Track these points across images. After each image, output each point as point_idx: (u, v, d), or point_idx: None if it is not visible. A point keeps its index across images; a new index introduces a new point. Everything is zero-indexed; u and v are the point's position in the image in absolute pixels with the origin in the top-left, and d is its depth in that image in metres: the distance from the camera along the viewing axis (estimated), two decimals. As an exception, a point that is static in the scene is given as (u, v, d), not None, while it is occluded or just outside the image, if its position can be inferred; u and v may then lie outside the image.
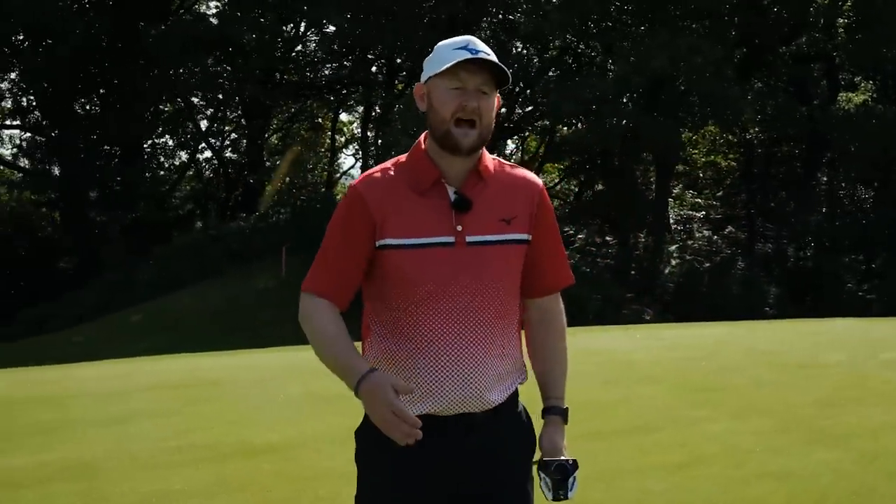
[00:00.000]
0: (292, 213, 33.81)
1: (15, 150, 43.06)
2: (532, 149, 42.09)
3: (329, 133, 44.04)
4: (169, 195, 39.13)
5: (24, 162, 41.32)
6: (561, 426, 2.87)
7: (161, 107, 37.86)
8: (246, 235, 30.66)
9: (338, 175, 45.82)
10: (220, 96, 36.97)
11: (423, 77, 2.74)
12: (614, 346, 11.54)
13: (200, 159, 42.70)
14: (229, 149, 42.46)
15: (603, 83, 28.30)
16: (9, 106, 41.55)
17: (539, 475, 2.78)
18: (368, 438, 2.75)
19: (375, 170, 2.80)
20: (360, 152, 39.40)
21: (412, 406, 2.65)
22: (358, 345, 2.72)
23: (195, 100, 38.14)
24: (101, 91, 37.21)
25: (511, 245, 2.76)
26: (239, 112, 39.96)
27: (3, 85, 40.14)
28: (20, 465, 6.65)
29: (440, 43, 2.75)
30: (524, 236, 2.79)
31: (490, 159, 2.83)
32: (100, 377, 10.19)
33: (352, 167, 45.64)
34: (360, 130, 41.12)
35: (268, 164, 41.31)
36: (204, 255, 27.34)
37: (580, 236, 29.60)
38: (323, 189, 41.91)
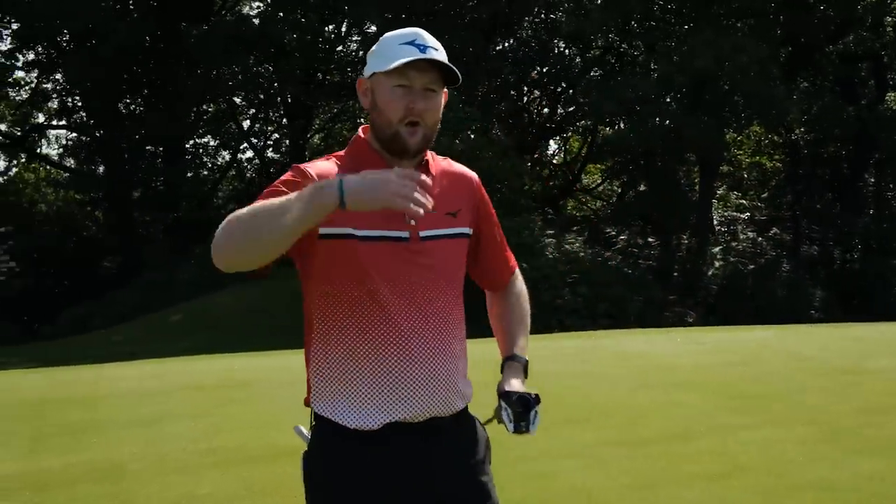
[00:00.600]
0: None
1: (61, 150, 43.54)
2: (575, 149, 41.87)
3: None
4: (211, 195, 39.31)
5: (69, 162, 41.68)
6: (521, 371, 2.78)
7: (204, 107, 38.01)
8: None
9: None
10: (262, 96, 37.06)
11: (367, 71, 2.63)
12: (653, 350, 11.34)
13: (242, 159, 42.93)
14: (271, 149, 42.60)
15: (645, 83, 28.03)
16: (55, 106, 41.99)
17: (500, 405, 2.68)
18: (322, 458, 2.64)
19: (319, 160, 2.65)
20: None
21: (381, 414, 2.55)
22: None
23: (237, 100, 38.25)
24: (145, 91, 37.44)
25: (458, 238, 2.72)
26: (281, 112, 40.04)
27: (48, 85, 40.63)
28: (48, 466, 6.63)
29: (386, 35, 2.64)
30: (468, 230, 2.76)
31: (429, 153, 2.74)
32: (133, 377, 10.17)
33: None
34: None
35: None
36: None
37: (622, 237, 29.28)
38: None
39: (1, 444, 7.34)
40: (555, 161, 42.08)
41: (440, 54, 2.56)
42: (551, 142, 42.54)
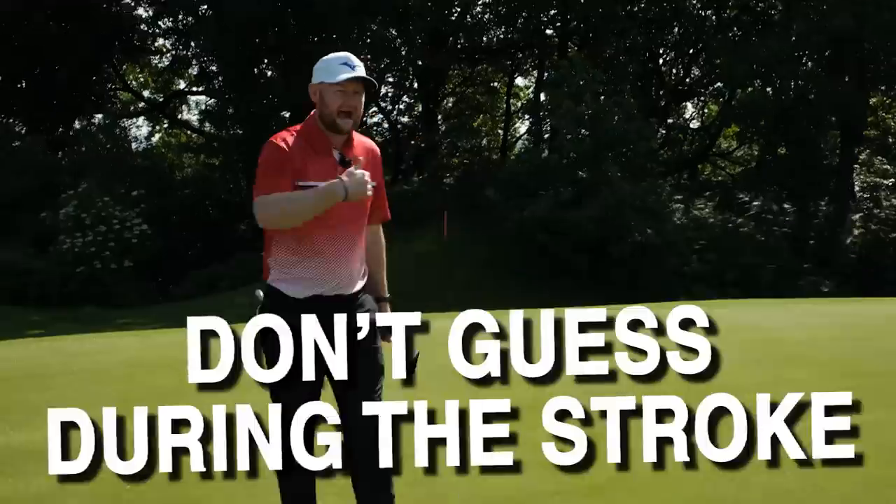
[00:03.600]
0: (459, 177, 33.66)
1: (200, 115, 44.43)
2: (713, 113, 40.68)
3: (504, 97, 43.53)
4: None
5: (208, 127, 42.51)
6: (388, 307, 4.34)
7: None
8: (409, 199, 30.74)
9: (513, 140, 44.61)
10: (388, 60, 36.94)
11: (315, 80, 4.08)
12: (768, 322, 10.74)
13: (370, 123, 43.01)
14: (399, 113, 42.64)
15: (781, 43, 26.87)
16: (194, 73, 42.88)
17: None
18: (271, 310, 3.88)
19: (284, 134, 4.09)
20: (530, 116, 38.87)
21: (307, 290, 4.06)
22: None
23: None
24: (281, 57, 37.76)
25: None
26: (411, 76, 39.91)
27: (186, 52, 41.51)
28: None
29: (326, 57, 4.10)
30: (373, 183, 4.10)
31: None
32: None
33: (527, 131, 44.57)
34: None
35: (442, 128, 41.20)
36: (367, 219, 27.33)
37: (755, 203, 28.12)
38: (497, 154, 41.43)
39: (89, 407, 7.36)
40: (691, 125, 41.04)
41: (362, 70, 4.03)
42: (688, 105, 41.56)
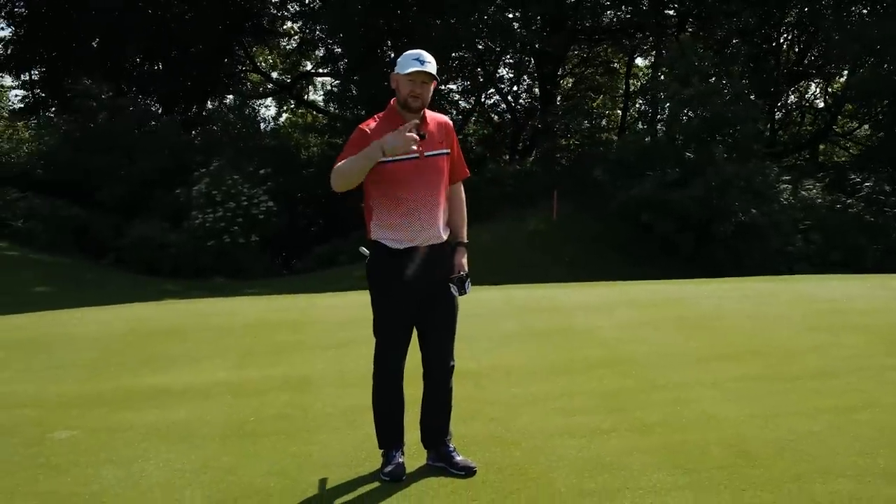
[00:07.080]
0: (573, 157, 34.05)
1: (325, 96, 45.53)
2: (835, 92, 40.12)
3: (623, 78, 43.52)
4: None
5: (333, 107, 43.54)
6: (464, 252, 5.41)
7: (454, 53, 38.54)
8: (522, 179, 31.22)
9: (631, 120, 44.18)
10: (503, 43, 37.34)
11: (395, 72, 5.11)
12: (840, 294, 11.31)
13: (487, 104, 43.48)
14: (517, 95, 42.98)
15: (893, 22, 26.62)
16: (321, 54, 43.96)
17: (451, 286, 5.29)
18: (377, 261, 5.26)
19: (369, 121, 5.21)
20: (642, 98, 38.99)
21: (405, 243, 5.17)
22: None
23: (480, 46, 38.50)
24: (402, 39, 38.52)
25: (444, 156, 5.30)
26: (529, 58, 40.26)
27: (313, 35, 42.62)
28: (250, 377, 7.71)
29: (405, 53, 5.16)
30: (447, 150, 5.32)
31: (426, 110, 5.25)
32: (341, 307, 11.11)
33: (638, 113, 44.13)
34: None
35: (560, 108, 41.48)
36: (480, 198, 27.88)
37: (867, 184, 27.77)
38: (615, 136, 41.41)
39: (218, 357, 8.48)
40: (816, 103, 40.73)
41: (431, 66, 5.08)
42: (812, 84, 41.15)
